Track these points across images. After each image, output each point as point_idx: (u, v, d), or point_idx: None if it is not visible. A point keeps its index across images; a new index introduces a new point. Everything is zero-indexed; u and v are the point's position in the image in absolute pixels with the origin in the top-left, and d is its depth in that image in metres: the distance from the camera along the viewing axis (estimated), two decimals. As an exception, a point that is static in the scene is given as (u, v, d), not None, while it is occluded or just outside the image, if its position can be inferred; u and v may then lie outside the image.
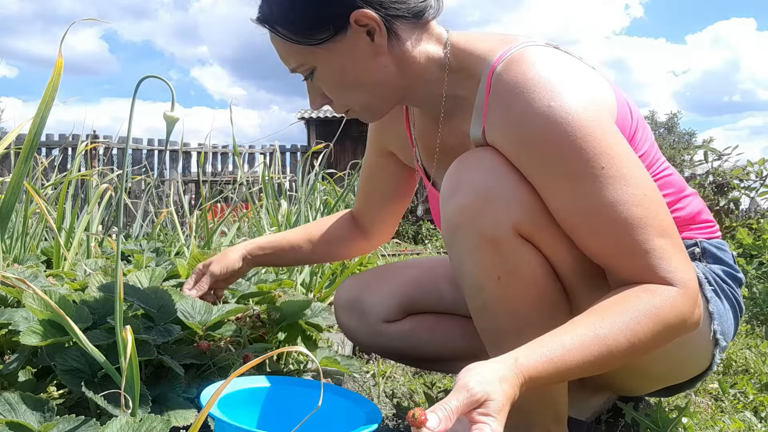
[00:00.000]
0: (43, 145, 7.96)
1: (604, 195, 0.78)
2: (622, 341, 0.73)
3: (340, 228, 1.33)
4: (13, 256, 1.84)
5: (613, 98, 0.90)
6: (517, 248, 0.84)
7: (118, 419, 0.76)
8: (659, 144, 9.30)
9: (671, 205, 0.97)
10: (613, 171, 0.78)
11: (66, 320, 0.83)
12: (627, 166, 0.79)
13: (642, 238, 0.78)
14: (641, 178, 0.80)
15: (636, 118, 0.94)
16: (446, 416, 0.61)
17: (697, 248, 0.98)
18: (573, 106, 0.79)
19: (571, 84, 0.81)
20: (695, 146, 9.47)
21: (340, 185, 3.90)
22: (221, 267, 1.21)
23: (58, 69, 0.82)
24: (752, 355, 1.63)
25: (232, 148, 2.78)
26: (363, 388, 1.44)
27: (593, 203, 0.78)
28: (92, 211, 2.18)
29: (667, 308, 0.75)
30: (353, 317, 1.26)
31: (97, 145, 5.07)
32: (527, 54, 0.85)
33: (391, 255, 4.09)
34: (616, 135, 0.81)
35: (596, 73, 0.92)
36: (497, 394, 0.64)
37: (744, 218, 3.83)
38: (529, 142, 0.81)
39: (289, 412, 0.89)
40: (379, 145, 1.23)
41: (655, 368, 0.96)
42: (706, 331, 0.93)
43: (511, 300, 0.85)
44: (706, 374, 1.00)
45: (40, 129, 0.83)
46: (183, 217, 3.39)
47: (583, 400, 1.08)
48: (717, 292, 0.95)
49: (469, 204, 0.84)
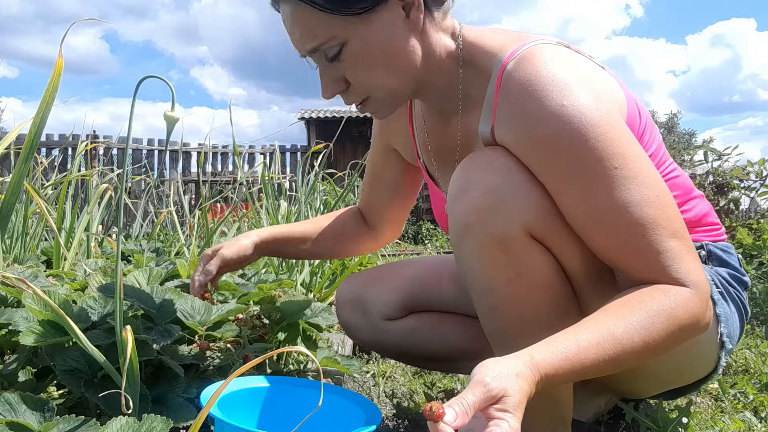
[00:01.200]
0: (43, 145, 7.96)
1: (617, 195, 0.77)
2: (637, 340, 0.72)
3: (349, 224, 1.32)
4: (13, 256, 1.84)
5: (623, 98, 0.89)
6: (527, 250, 0.82)
7: (118, 419, 0.76)
8: (659, 144, 9.16)
9: (678, 207, 0.97)
10: (626, 171, 0.77)
11: (66, 320, 0.83)
12: (639, 167, 0.78)
13: (654, 239, 0.77)
14: (654, 178, 0.79)
15: (644, 118, 0.94)
16: (463, 411, 0.60)
17: (702, 251, 0.98)
18: (586, 106, 0.78)
19: (584, 83, 0.80)
20: (695, 146, 9.45)
21: (340, 185, 3.90)
22: (232, 252, 1.17)
23: (59, 69, 0.82)
24: (752, 355, 1.63)
25: (232, 148, 2.78)
26: (363, 388, 1.44)
27: (606, 203, 0.78)
28: (92, 211, 2.18)
29: (681, 309, 0.75)
30: (355, 314, 1.25)
31: (97, 145, 5.07)
32: (539, 52, 0.83)
33: (391, 255, 4.09)
34: (628, 135, 0.80)
35: (606, 72, 0.91)
36: (514, 390, 0.63)
37: (744, 218, 3.83)
38: (542, 141, 0.80)
39: (289, 412, 0.89)
40: (384, 141, 1.22)
41: (662, 371, 0.96)
42: (713, 334, 0.92)
43: (520, 302, 0.84)
44: (711, 377, 0.99)
45: (40, 129, 0.83)
46: (183, 217, 3.39)
47: (584, 401, 1.08)
48: (723, 294, 0.95)
49: (479, 204, 0.82)
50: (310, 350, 1.27)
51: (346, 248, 1.35)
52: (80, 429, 0.77)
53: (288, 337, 1.31)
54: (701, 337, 0.85)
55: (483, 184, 0.83)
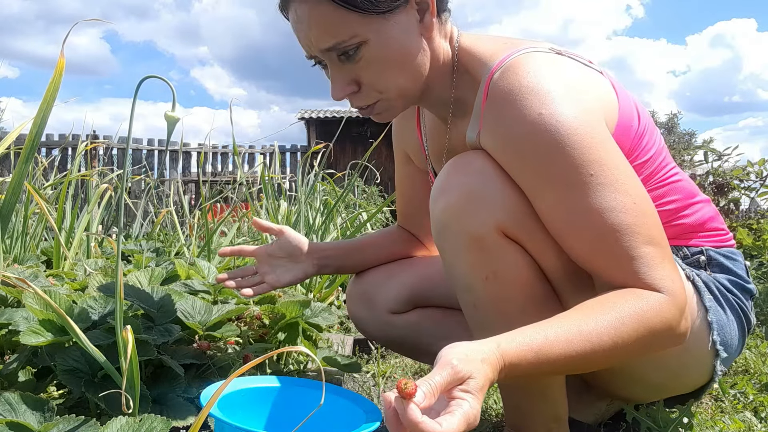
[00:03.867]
0: (43, 145, 7.95)
1: (592, 201, 0.78)
2: (606, 339, 0.73)
3: (395, 241, 1.31)
4: (13, 256, 1.84)
5: (614, 104, 0.89)
6: (502, 248, 0.84)
7: (118, 419, 0.76)
8: (659, 144, 9.12)
9: (678, 212, 0.97)
10: (602, 178, 0.78)
11: (66, 320, 0.83)
12: (617, 174, 0.79)
13: (629, 245, 0.78)
14: (631, 186, 0.80)
15: (644, 123, 0.94)
16: (430, 392, 0.61)
17: (702, 256, 0.98)
18: (564, 114, 0.79)
19: (567, 92, 0.81)
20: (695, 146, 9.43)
21: (340, 185, 3.90)
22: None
23: (60, 69, 0.82)
24: (752, 356, 1.63)
25: (232, 148, 2.78)
26: (363, 388, 1.44)
27: (581, 209, 0.79)
28: (92, 211, 2.18)
29: (652, 312, 0.75)
30: (363, 308, 1.27)
31: (97, 145, 5.07)
32: (524, 61, 0.85)
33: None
34: (608, 143, 0.81)
35: (602, 77, 0.91)
36: (479, 374, 0.64)
37: (744, 219, 3.83)
38: (520, 148, 0.81)
39: (289, 412, 0.89)
40: (402, 151, 1.24)
41: (653, 376, 0.96)
42: (703, 341, 0.92)
43: (499, 300, 0.86)
44: (709, 386, 0.99)
45: (41, 129, 0.83)
46: (183, 217, 3.39)
47: (587, 404, 1.08)
48: (720, 301, 0.95)
49: (454, 204, 0.84)
50: (310, 350, 1.27)
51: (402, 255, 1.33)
52: (80, 429, 0.77)
53: (288, 337, 1.31)
54: (690, 344, 0.86)
55: (460, 185, 0.85)
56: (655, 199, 0.94)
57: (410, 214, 1.30)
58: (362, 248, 1.28)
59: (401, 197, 1.30)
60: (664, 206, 0.95)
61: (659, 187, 0.95)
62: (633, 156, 0.91)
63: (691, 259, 0.97)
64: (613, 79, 0.94)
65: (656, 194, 0.94)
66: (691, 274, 0.93)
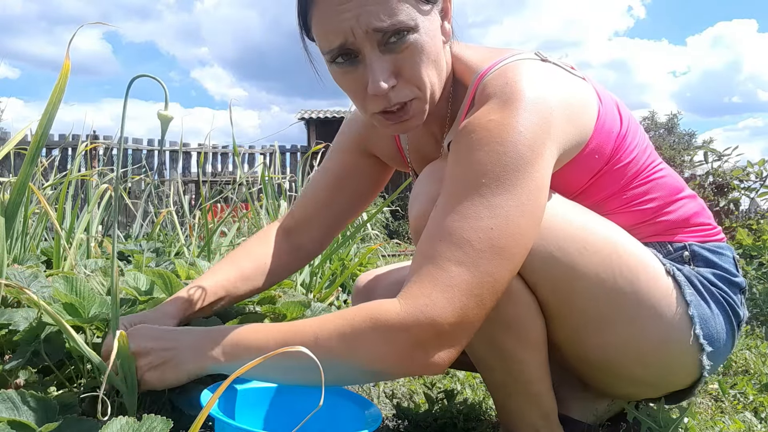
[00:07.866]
0: (43, 145, 7.94)
1: (456, 203, 0.78)
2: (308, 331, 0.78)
3: (277, 254, 1.20)
4: (13, 256, 1.84)
5: (593, 109, 0.90)
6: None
7: (118, 419, 0.76)
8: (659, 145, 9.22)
9: (661, 209, 0.97)
10: (486, 190, 0.77)
11: (61, 322, 0.83)
12: (503, 198, 0.77)
13: (442, 252, 0.76)
14: (509, 217, 0.77)
15: (626, 124, 0.95)
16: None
17: (686, 251, 0.98)
18: (509, 126, 0.79)
19: (533, 104, 0.81)
20: (695, 147, 9.45)
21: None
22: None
23: (65, 72, 0.82)
24: (752, 356, 1.64)
25: (232, 149, 2.78)
26: (363, 388, 1.44)
27: (445, 204, 0.80)
28: (92, 211, 2.18)
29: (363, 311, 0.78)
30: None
31: (97, 146, 5.07)
32: (512, 69, 0.86)
33: (391, 255, 4.09)
34: (530, 167, 0.78)
35: (583, 83, 0.92)
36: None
37: (744, 219, 3.83)
38: (455, 147, 0.83)
39: (289, 413, 0.89)
40: (362, 146, 1.19)
41: (639, 373, 0.95)
42: (685, 335, 0.92)
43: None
44: (701, 381, 0.99)
45: (46, 131, 0.84)
46: (183, 217, 3.39)
47: (587, 403, 1.08)
48: (703, 295, 0.94)
49: (424, 211, 0.87)
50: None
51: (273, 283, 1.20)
52: (80, 429, 0.77)
53: (288, 337, 1.31)
54: (670, 336, 0.89)
55: (427, 194, 0.88)
56: (638, 197, 0.96)
57: (323, 216, 1.21)
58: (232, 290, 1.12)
59: (329, 193, 1.20)
60: (646, 204, 0.96)
61: (642, 184, 0.96)
62: (616, 158, 0.92)
63: (674, 255, 0.97)
64: (596, 84, 0.95)
65: (639, 191, 0.95)
66: (672, 269, 0.93)
